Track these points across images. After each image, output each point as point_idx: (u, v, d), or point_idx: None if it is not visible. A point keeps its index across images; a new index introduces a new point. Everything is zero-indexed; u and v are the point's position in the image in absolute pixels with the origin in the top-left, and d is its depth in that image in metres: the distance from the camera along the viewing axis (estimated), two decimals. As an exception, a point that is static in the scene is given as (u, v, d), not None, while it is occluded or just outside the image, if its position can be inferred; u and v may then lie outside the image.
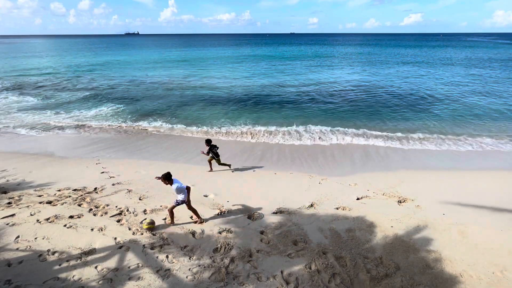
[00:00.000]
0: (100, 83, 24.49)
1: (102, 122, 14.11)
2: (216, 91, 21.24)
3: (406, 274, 4.29)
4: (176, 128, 13.14)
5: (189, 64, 39.74)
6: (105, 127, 13.30)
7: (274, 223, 5.69)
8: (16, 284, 4.01)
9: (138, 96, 19.64)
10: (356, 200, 6.81)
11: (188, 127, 13.21)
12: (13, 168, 8.61)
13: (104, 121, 14.25)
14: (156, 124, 13.68)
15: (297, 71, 31.60)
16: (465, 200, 6.74)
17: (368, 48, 75.33)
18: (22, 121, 14.16)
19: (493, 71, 29.53)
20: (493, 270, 4.41)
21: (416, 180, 8.02)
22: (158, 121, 14.09)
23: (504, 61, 39.01)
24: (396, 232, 5.38)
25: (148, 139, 11.78)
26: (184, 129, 13.05)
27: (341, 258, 4.65)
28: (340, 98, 18.57)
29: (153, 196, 6.86)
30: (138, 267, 4.41)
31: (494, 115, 14.74)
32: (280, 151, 10.40)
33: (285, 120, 14.05)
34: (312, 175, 8.34)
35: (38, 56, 52.39)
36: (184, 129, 13.05)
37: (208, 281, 4.16)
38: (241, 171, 8.78)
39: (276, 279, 4.21)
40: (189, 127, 13.28)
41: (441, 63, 38.13)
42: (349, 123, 13.58)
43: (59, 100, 18.70)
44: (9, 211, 5.97)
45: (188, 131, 12.75)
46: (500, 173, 8.63)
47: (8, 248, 4.80)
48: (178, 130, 12.89)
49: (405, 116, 14.66)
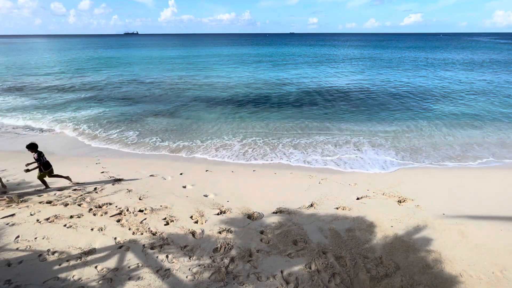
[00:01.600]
0: (100, 83, 24.49)
1: (102, 122, 14.10)
2: (216, 91, 21.24)
3: (406, 274, 4.29)
4: (175, 128, 13.14)
5: (188, 64, 39.71)
6: (106, 126, 13.29)
7: (274, 223, 5.69)
8: (16, 284, 4.01)
9: (138, 96, 19.65)
10: (356, 200, 6.81)
11: (188, 127, 13.21)
12: (13, 168, 8.60)
13: (104, 120, 14.25)
14: (156, 124, 13.68)
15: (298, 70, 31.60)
16: (465, 200, 6.74)
17: (368, 47, 75.29)
18: (22, 121, 14.16)
19: (495, 72, 29.53)
20: (493, 270, 4.41)
21: (416, 180, 8.03)
22: (158, 121, 14.08)
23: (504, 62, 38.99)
24: (396, 232, 5.38)
25: (148, 138, 11.77)
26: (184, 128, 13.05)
27: (341, 258, 4.65)
28: (339, 99, 18.57)
29: (153, 196, 6.85)
30: (138, 267, 4.41)
31: (495, 114, 14.75)
32: (280, 151, 10.40)
33: (285, 120, 14.06)
34: (312, 175, 8.34)
35: (39, 56, 52.37)
36: (184, 128, 13.05)
37: (208, 281, 4.16)
38: (241, 171, 8.77)
39: (276, 279, 4.21)
40: (189, 126, 13.28)
41: (441, 63, 38.13)
42: (349, 122, 13.59)
43: (59, 100, 18.69)
44: (9, 211, 5.97)
45: (188, 130, 12.75)
46: (500, 172, 8.64)
47: (8, 248, 4.80)
48: (178, 131, 12.88)
49: (406, 116, 14.66)
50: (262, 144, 11.12)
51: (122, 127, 13.33)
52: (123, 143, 11.35)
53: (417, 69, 32.41)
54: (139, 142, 11.40)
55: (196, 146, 10.97)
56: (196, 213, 6.04)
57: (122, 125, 13.53)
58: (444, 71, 30.09)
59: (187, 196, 6.90)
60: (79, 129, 13.05)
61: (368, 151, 10.37)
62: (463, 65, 35.45)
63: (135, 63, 41.02)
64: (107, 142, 11.43)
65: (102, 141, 11.59)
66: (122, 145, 11.10)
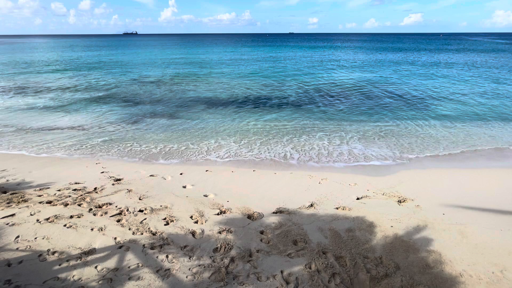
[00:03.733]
0: (100, 83, 24.49)
1: (102, 121, 14.11)
2: (216, 91, 21.24)
3: (406, 274, 4.29)
4: (175, 128, 13.14)
5: (188, 63, 39.71)
6: (106, 126, 13.30)
7: (274, 223, 5.69)
8: (16, 284, 4.01)
9: (138, 96, 19.65)
10: (356, 200, 6.81)
11: (188, 127, 13.22)
12: (13, 168, 8.60)
13: (104, 120, 14.26)
14: (156, 124, 13.68)
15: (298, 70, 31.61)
16: (465, 200, 6.74)
17: (368, 47, 75.30)
18: (22, 121, 14.15)
19: (495, 71, 29.53)
20: (493, 270, 4.41)
21: (416, 180, 8.03)
22: (158, 121, 14.09)
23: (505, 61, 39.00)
24: (396, 232, 5.38)
25: (148, 138, 11.78)
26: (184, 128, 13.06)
27: (341, 258, 4.65)
28: (339, 99, 18.58)
29: (153, 196, 6.86)
30: (138, 267, 4.41)
31: (497, 114, 14.76)
32: (281, 150, 10.40)
33: (285, 119, 14.06)
34: (312, 175, 8.33)
35: (40, 55, 52.35)
36: (184, 128, 13.05)
37: (208, 281, 4.16)
38: (241, 171, 8.77)
39: (276, 278, 4.21)
40: (189, 126, 13.29)
41: (441, 63, 38.14)
42: (349, 122, 13.59)
43: (59, 99, 18.70)
44: (9, 211, 5.97)
45: (188, 130, 12.75)
46: (501, 172, 8.63)
47: (8, 248, 4.80)
48: (178, 131, 12.89)
49: (406, 116, 14.66)
50: (262, 144, 11.11)
51: (122, 127, 13.34)
52: (123, 142, 11.35)
53: (417, 68, 32.40)
54: (139, 142, 11.39)
55: (196, 145, 10.97)
56: (196, 213, 6.04)
57: (121, 125, 13.53)
58: (444, 71, 30.09)
59: (187, 196, 6.91)
60: (79, 129, 13.05)
61: (368, 151, 10.37)
62: (464, 65, 35.46)
63: (135, 63, 41.02)
64: (107, 142, 11.42)
65: (102, 140, 11.59)
66: (122, 145, 11.09)
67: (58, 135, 12.31)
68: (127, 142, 11.40)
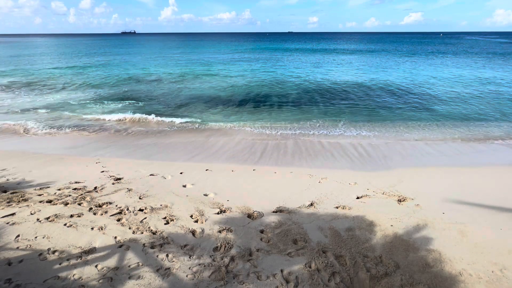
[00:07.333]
0: (100, 83, 24.47)
1: (102, 121, 14.10)
2: (216, 90, 21.23)
3: (406, 273, 4.30)
4: (175, 128, 13.14)
5: (188, 63, 39.66)
6: (106, 127, 13.30)
7: (274, 222, 5.69)
8: (16, 283, 4.01)
9: (138, 95, 19.64)
10: (356, 199, 6.81)
11: (188, 126, 13.21)
12: (13, 167, 8.60)
13: (104, 120, 14.25)
14: (156, 124, 13.68)
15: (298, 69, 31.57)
16: (464, 199, 6.74)
17: (368, 47, 75.19)
18: (21, 121, 14.15)
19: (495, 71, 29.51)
20: (493, 269, 4.42)
21: (416, 179, 8.03)
22: (158, 121, 14.08)
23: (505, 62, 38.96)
24: (395, 231, 5.38)
25: (148, 138, 11.78)
26: (183, 127, 13.05)
27: (341, 257, 4.65)
28: (340, 97, 18.57)
29: (153, 195, 6.86)
30: (138, 266, 4.41)
31: (498, 113, 14.75)
32: (280, 150, 10.40)
33: (285, 119, 14.06)
34: (312, 174, 8.33)
35: (41, 55, 52.29)
36: (184, 128, 13.05)
37: (208, 280, 4.16)
38: (241, 170, 8.77)
39: (276, 278, 4.21)
40: (188, 126, 13.28)
41: (442, 62, 38.09)
42: (349, 121, 13.59)
43: (58, 99, 18.69)
44: (9, 210, 5.97)
45: (187, 128, 12.75)
46: (500, 171, 8.63)
47: (8, 247, 4.80)
48: (177, 131, 12.89)
49: (405, 115, 14.66)
50: (262, 143, 11.11)
51: (121, 127, 13.34)
52: (123, 142, 11.35)
53: (417, 68, 32.37)
54: (139, 142, 11.39)
55: (196, 145, 10.96)
56: (196, 212, 6.04)
57: (121, 124, 13.54)
58: (445, 70, 30.06)
59: (187, 195, 6.91)
60: (79, 128, 13.05)
61: (368, 150, 10.37)
62: (464, 65, 35.41)
63: (134, 62, 40.97)
64: (107, 142, 11.42)
65: (102, 140, 11.58)
66: (122, 145, 11.09)
67: (58, 134, 12.31)
68: (127, 142, 11.40)
